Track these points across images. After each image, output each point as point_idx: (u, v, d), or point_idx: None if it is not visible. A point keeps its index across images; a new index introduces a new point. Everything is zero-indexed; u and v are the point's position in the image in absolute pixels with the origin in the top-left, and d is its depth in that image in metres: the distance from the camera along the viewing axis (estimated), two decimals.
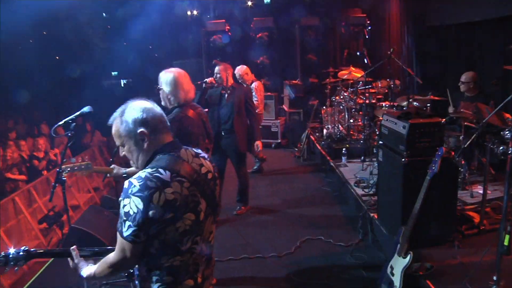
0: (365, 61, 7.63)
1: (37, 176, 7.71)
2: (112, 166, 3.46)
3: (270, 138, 9.78)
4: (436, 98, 5.99)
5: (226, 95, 5.74)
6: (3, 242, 6.15)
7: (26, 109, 15.00)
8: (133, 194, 1.89)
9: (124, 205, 1.91)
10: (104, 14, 18.38)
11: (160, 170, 1.95)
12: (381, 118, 5.16)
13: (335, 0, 11.12)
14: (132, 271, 2.47)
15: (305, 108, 10.06)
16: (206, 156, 2.22)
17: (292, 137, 9.77)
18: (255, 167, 7.98)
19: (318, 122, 9.72)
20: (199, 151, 2.21)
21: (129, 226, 1.90)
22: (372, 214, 5.09)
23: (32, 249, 2.30)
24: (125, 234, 1.92)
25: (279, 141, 9.82)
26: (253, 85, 7.47)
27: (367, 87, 7.78)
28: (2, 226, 6.20)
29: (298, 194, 6.85)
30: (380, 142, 4.72)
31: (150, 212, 1.88)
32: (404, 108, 5.89)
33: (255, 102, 7.34)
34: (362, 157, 7.05)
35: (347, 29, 10.76)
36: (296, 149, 9.07)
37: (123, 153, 2.12)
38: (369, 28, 10.45)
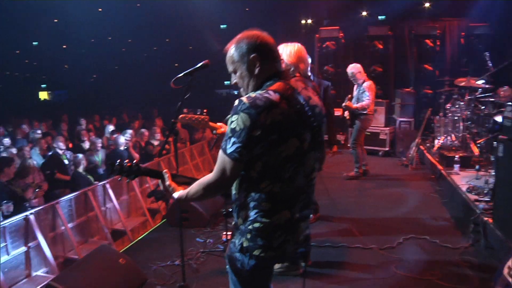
0: (489, 64, 7.11)
1: (150, 160, 8.22)
2: (220, 124, 3.50)
3: (378, 146, 9.48)
4: None
5: None
6: (115, 213, 6.64)
7: (145, 106, 16.33)
8: (242, 111, 1.93)
9: (232, 122, 1.95)
10: (221, 26, 19.38)
11: (270, 91, 1.99)
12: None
13: (456, 9, 10.62)
14: (231, 210, 2.51)
15: (416, 116, 9.66)
16: (315, 92, 2.22)
17: (401, 145, 9.39)
18: (354, 172, 7.73)
19: (430, 132, 9.25)
20: (309, 84, 2.22)
21: (234, 143, 1.94)
22: (486, 219, 4.70)
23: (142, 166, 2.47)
24: (229, 150, 1.96)
25: (387, 149, 9.48)
26: (365, 84, 7.32)
27: (487, 94, 7.28)
28: (116, 199, 6.70)
29: (405, 197, 6.55)
30: (502, 136, 4.36)
31: (256, 130, 1.90)
32: None
33: (366, 101, 7.22)
34: (477, 166, 6.53)
35: (467, 39, 10.22)
36: (405, 158, 8.71)
37: (234, 80, 2.20)
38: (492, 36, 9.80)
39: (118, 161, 2.42)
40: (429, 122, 9.05)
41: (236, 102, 1.98)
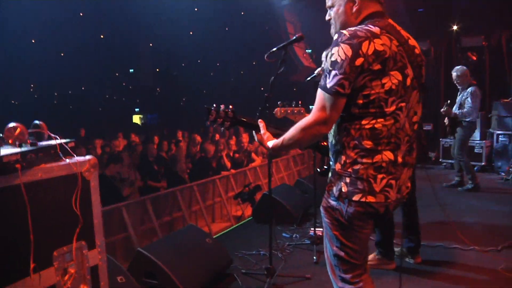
0: None
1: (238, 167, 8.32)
2: None
3: (473, 160, 8.82)
4: None
5: None
6: (202, 217, 6.71)
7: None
8: (343, 42, 1.86)
9: (332, 54, 1.88)
10: (307, 50, 19.44)
11: (370, 25, 1.93)
12: None
13: None
14: (326, 167, 2.39)
15: None
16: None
17: (499, 160, 8.70)
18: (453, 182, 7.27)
19: None
20: None
21: (335, 75, 1.85)
22: None
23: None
24: (329, 84, 1.87)
25: (483, 163, 8.85)
26: (469, 89, 6.77)
27: None
28: (203, 204, 6.78)
29: (507, 207, 6.04)
30: None
31: (358, 60, 1.83)
32: None
33: (467, 108, 6.68)
34: None
35: None
36: (504, 174, 8.06)
37: (329, 17, 2.14)
38: None
39: (214, 105, 2.37)
40: None
41: (336, 35, 1.92)
